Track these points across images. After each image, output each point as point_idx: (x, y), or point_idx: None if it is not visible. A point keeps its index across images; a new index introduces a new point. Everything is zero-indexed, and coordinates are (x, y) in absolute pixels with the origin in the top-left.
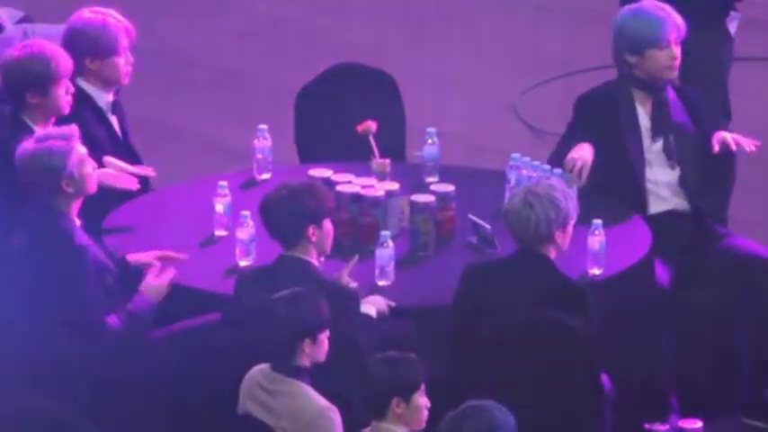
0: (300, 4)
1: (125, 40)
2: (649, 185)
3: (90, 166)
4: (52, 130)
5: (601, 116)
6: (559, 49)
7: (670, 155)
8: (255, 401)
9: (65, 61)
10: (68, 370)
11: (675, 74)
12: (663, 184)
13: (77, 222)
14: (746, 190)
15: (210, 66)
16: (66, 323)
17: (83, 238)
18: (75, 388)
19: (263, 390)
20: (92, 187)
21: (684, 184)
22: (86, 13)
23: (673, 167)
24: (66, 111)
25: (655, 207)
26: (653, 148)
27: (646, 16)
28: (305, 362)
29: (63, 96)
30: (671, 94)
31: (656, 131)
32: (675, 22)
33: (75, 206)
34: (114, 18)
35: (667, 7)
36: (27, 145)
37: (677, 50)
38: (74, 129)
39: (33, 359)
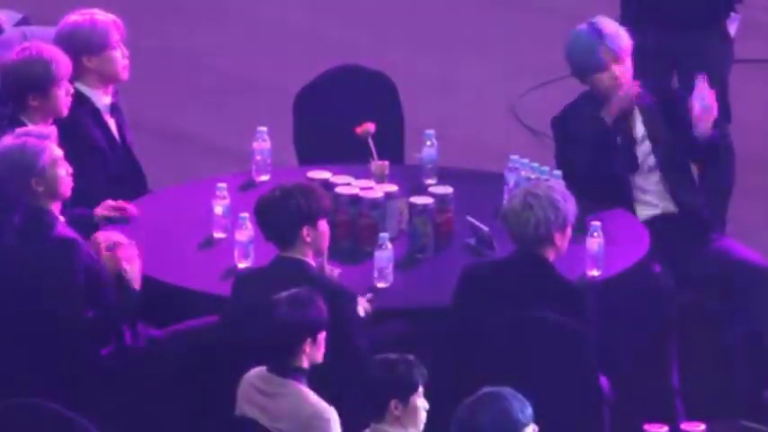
0: (301, 7)
1: (116, 33)
2: (637, 193)
3: (64, 170)
4: (31, 128)
5: (578, 132)
6: (559, 50)
7: (634, 166)
8: (253, 404)
9: (64, 63)
10: (60, 368)
11: (627, 89)
12: (650, 191)
13: (61, 219)
14: (746, 192)
15: (211, 68)
16: (56, 319)
17: (70, 234)
18: (68, 386)
19: (260, 392)
20: (64, 191)
21: (668, 188)
22: (73, 16)
23: (648, 174)
24: (65, 112)
25: (644, 212)
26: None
27: (580, 43)
28: (304, 363)
29: (63, 98)
30: (648, 101)
31: (623, 141)
32: (607, 44)
33: (54, 206)
34: (102, 14)
35: (605, 26)
36: (4, 140)
37: (619, 68)
38: (52, 129)
39: (27, 359)
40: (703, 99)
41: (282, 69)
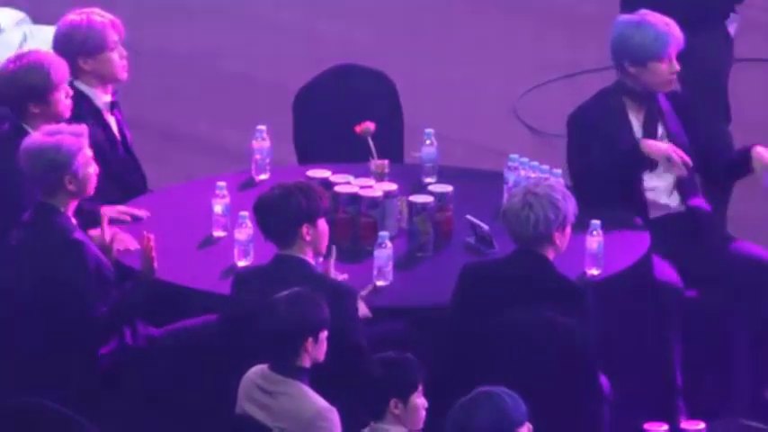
0: (300, 6)
1: (113, 34)
2: (648, 193)
3: (93, 168)
4: (63, 126)
5: (595, 130)
6: (559, 50)
7: (653, 165)
8: (254, 402)
9: (62, 67)
10: (67, 368)
11: (674, 86)
12: (661, 191)
13: (73, 221)
14: (746, 191)
15: (210, 67)
16: (64, 319)
17: (80, 235)
18: (71, 385)
19: (261, 390)
20: (91, 189)
21: (680, 188)
22: (70, 16)
23: (663, 172)
24: (67, 115)
25: (654, 212)
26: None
27: (650, 28)
28: (306, 362)
29: (63, 101)
30: (664, 103)
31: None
32: (677, 35)
33: (72, 205)
34: (99, 15)
35: (669, 20)
36: (35, 137)
37: (676, 64)
38: (84, 128)
39: (32, 357)
40: None
41: (281, 68)
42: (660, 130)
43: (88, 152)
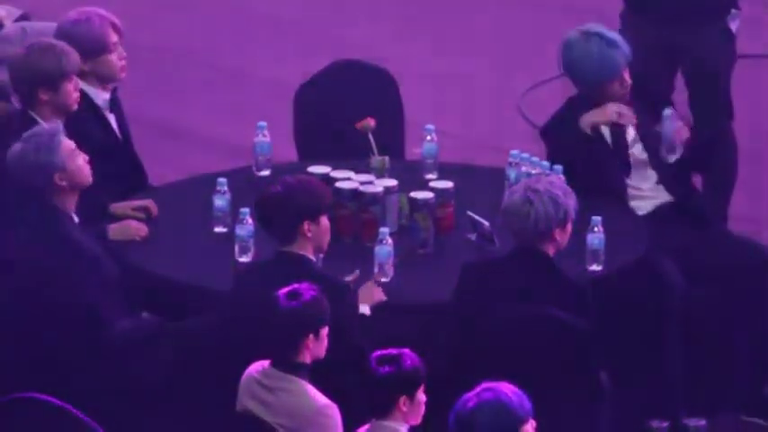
0: (300, 1)
1: (113, 35)
2: (632, 191)
3: (81, 158)
4: (37, 128)
5: (567, 140)
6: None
7: (627, 171)
8: (254, 398)
9: (74, 57)
10: (66, 366)
11: (628, 97)
12: (646, 189)
13: (75, 219)
14: (748, 188)
15: (210, 63)
16: (66, 320)
17: (81, 235)
18: (73, 384)
19: (262, 387)
20: (86, 180)
21: (664, 184)
22: (71, 15)
23: (643, 170)
24: (75, 107)
25: (642, 209)
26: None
27: (592, 53)
28: (306, 358)
29: (72, 93)
30: (633, 104)
31: (615, 145)
32: (622, 52)
33: (72, 201)
34: (100, 15)
35: (614, 36)
36: (15, 146)
37: (627, 75)
38: (58, 124)
39: (32, 356)
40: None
41: (282, 64)
42: (632, 134)
43: (69, 144)
